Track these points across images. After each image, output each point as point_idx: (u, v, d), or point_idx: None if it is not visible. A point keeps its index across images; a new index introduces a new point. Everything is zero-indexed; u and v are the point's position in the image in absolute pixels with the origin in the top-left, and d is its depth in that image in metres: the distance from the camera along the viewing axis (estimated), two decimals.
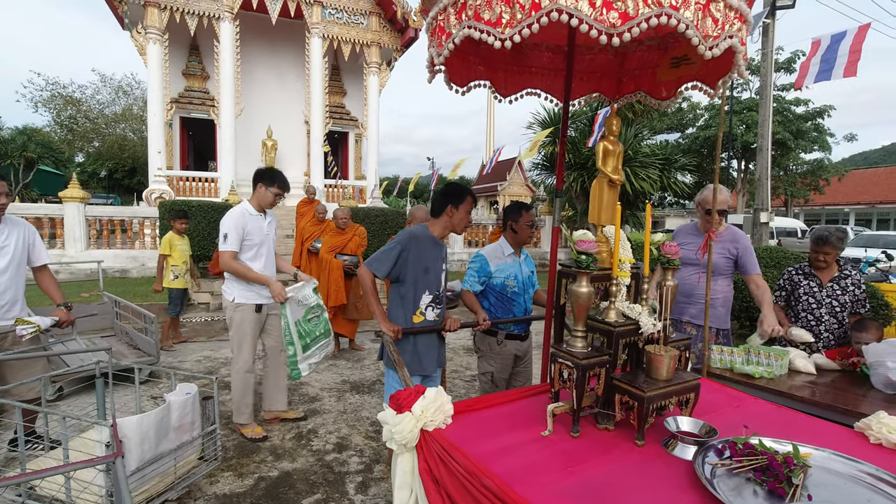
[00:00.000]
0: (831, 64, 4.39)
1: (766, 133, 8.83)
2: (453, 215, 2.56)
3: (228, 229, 3.23)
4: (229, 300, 3.35)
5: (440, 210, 2.58)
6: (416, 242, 2.49)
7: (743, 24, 1.57)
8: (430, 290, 2.54)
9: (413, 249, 2.47)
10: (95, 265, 5.91)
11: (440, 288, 2.61)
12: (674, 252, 1.72)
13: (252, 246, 3.33)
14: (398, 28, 14.50)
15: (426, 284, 2.52)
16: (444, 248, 2.68)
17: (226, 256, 3.24)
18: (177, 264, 5.60)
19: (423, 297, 2.53)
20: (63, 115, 26.92)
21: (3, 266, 2.73)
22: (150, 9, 11.94)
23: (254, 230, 3.32)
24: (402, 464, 1.59)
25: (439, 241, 2.62)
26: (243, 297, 3.32)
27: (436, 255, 2.57)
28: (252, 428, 3.41)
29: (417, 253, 2.47)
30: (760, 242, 8.86)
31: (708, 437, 1.48)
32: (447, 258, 2.73)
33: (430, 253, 2.53)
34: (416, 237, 2.50)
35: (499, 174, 24.65)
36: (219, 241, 3.29)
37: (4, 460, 2.96)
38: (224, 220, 3.27)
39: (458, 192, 2.57)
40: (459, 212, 2.55)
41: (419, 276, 2.49)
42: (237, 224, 3.25)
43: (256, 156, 14.19)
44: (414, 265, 2.47)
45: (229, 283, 3.38)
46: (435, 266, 2.56)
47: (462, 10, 1.67)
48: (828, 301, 3.05)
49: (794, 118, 22.03)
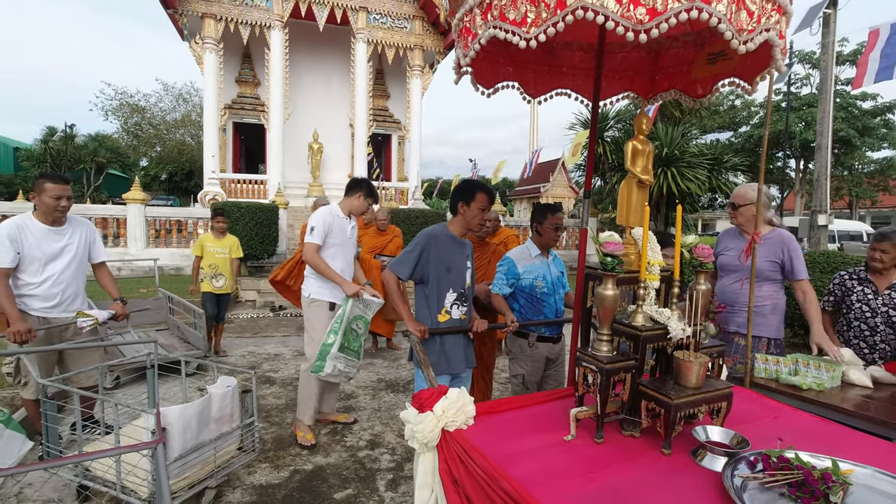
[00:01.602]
0: (893, 60, 3.99)
1: (825, 131, 8.30)
2: (465, 212, 2.55)
3: (316, 223, 3.34)
4: (305, 296, 3.46)
5: (454, 208, 2.60)
6: (436, 242, 2.50)
7: (781, 16, 1.49)
8: (453, 289, 2.55)
9: (433, 249, 2.48)
10: (153, 262, 6.25)
11: (465, 286, 2.61)
12: (706, 255, 1.65)
13: (333, 245, 3.42)
14: (441, 31, 14.61)
15: (449, 283, 2.53)
16: (467, 247, 2.67)
17: (310, 248, 3.33)
18: (204, 267, 5.32)
19: (448, 296, 2.55)
20: (130, 122, 28.86)
21: (66, 262, 2.95)
22: (208, 20, 12.58)
23: (338, 231, 3.42)
24: (423, 463, 1.60)
25: (460, 239, 2.62)
26: (319, 293, 3.42)
27: (458, 254, 2.58)
28: (305, 432, 3.39)
29: (438, 252, 2.49)
30: (818, 246, 8.34)
31: (739, 449, 1.41)
32: (472, 257, 2.72)
33: (451, 252, 2.54)
34: (435, 237, 2.52)
35: (542, 175, 24.35)
36: (306, 234, 3.41)
37: (66, 442, 3.20)
38: (313, 215, 3.43)
39: (468, 189, 2.56)
40: (471, 209, 2.53)
41: (442, 275, 2.51)
42: (325, 221, 3.36)
43: (303, 159, 14.64)
44: (435, 265, 2.49)
45: (307, 280, 3.49)
46: (457, 264, 2.56)
47: (488, 10, 1.67)
48: (884, 310, 2.84)
49: (860, 114, 20.61)
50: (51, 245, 2.88)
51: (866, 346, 2.88)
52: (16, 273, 2.79)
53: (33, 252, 2.81)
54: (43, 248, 2.85)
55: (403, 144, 16.54)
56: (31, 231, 2.82)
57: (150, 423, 2.45)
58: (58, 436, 2.61)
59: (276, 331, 6.83)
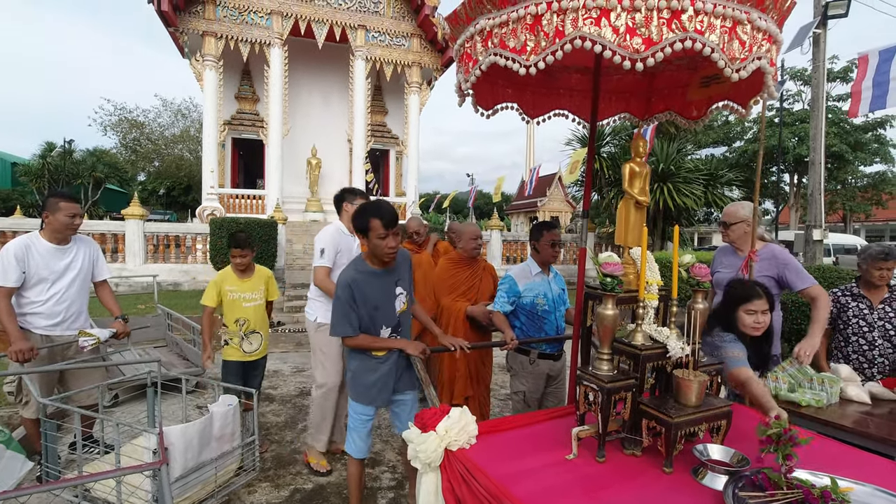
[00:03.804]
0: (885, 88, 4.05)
1: (818, 147, 8.42)
2: (367, 244, 2.33)
3: (325, 245, 3.17)
4: (311, 320, 3.27)
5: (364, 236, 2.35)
6: (356, 285, 2.30)
7: (772, 45, 1.55)
8: (385, 324, 2.41)
9: (357, 294, 2.30)
10: (151, 279, 6.24)
11: (395, 316, 2.44)
12: (703, 274, 1.69)
13: (342, 265, 3.18)
14: (438, 48, 14.83)
15: (381, 321, 2.39)
16: (393, 272, 2.43)
17: (321, 272, 3.16)
18: (228, 324, 3.39)
19: (382, 332, 2.41)
20: (128, 137, 29.02)
21: (70, 280, 2.97)
22: (208, 38, 12.74)
23: (345, 250, 3.26)
24: (426, 483, 1.61)
25: (379, 269, 2.37)
26: (326, 317, 3.16)
27: (382, 287, 2.38)
28: (319, 458, 3.23)
29: (361, 295, 2.31)
30: (814, 261, 8.40)
31: (740, 467, 1.43)
32: (406, 279, 2.52)
33: (373, 288, 2.35)
34: (354, 281, 2.31)
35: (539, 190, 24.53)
36: (314, 256, 3.23)
37: (65, 462, 3.18)
38: (320, 236, 3.25)
39: (359, 218, 2.31)
40: (371, 240, 2.28)
41: (372, 315, 2.35)
42: (334, 240, 3.20)
43: (301, 174, 14.73)
44: (363, 308, 2.32)
45: (312, 304, 3.31)
46: (384, 299, 2.39)
47: (488, 38, 1.72)
48: (880, 324, 2.88)
49: (851, 129, 20.89)
50: (56, 263, 2.90)
51: (865, 360, 2.91)
52: (20, 291, 2.81)
53: (40, 271, 2.83)
54: (50, 266, 2.87)
55: (401, 159, 16.67)
56: (37, 250, 2.84)
57: (151, 442, 2.46)
58: (57, 455, 2.60)
59: (274, 347, 6.81)
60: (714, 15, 1.43)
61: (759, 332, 2.16)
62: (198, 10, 12.60)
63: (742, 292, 2.19)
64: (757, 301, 2.13)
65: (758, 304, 2.13)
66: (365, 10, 13.96)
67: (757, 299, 2.13)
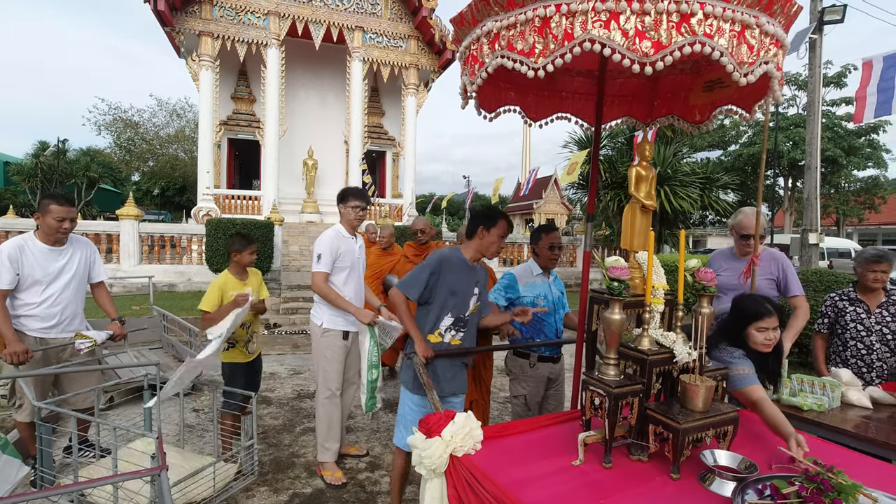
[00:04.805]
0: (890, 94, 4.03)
1: (814, 152, 8.47)
2: (483, 238, 2.49)
3: (323, 250, 3.14)
4: (317, 324, 3.23)
5: (472, 232, 2.54)
6: (448, 266, 2.45)
7: (779, 50, 1.55)
8: (452, 313, 2.49)
9: (443, 273, 2.43)
10: (146, 279, 6.19)
11: (466, 312, 2.53)
12: (709, 279, 1.68)
13: (343, 269, 3.22)
14: (436, 50, 14.84)
15: (451, 307, 2.48)
16: (478, 273, 2.57)
17: (318, 278, 3.14)
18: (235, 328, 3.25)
19: (445, 319, 2.49)
20: (123, 137, 28.82)
21: (66, 282, 2.93)
22: (204, 38, 12.69)
23: (346, 253, 3.22)
24: (430, 489, 1.59)
25: (472, 264, 2.53)
26: (332, 322, 3.19)
27: (466, 279, 2.51)
28: (333, 471, 3.15)
29: (447, 276, 2.44)
30: (810, 265, 8.45)
31: (748, 473, 1.42)
32: (483, 287, 2.61)
33: (460, 277, 2.48)
34: (448, 260, 2.46)
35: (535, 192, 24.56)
36: (313, 262, 3.18)
37: (60, 466, 3.13)
38: (319, 240, 3.20)
39: (491, 215, 2.51)
40: (490, 235, 2.47)
41: (446, 299, 2.46)
42: (332, 245, 3.16)
43: (298, 175, 14.68)
44: (442, 288, 2.44)
45: (318, 307, 3.28)
46: (464, 290, 2.50)
47: (495, 40, 1.71)
48: (878, 328, 2.89)
49: (845, 134, 21.07)
50: (51, 265, 2.86)
51: (864, 365, 2.91)
52: (14, 293, 2.77)
53: (34, 273, 2.79)
54: (44, 268, 2.83)
55: (398, 161, 16.66)
56: (31, 251, 2.80)
57: (149, 446, 2.42)
58: (52, 459, 2.56)
59: (271, 349, 6.76)
60: (723, 19, 1.42)
61: (769, 349, 2.11)
62: (194, 9, 12.55)
63: (753, 309, 2.08)
64: (769, 318, 2.04)
65: (769, 321, 2.04)
66: (362, 12, 13.95)
67: (769, 317, 2.04)
